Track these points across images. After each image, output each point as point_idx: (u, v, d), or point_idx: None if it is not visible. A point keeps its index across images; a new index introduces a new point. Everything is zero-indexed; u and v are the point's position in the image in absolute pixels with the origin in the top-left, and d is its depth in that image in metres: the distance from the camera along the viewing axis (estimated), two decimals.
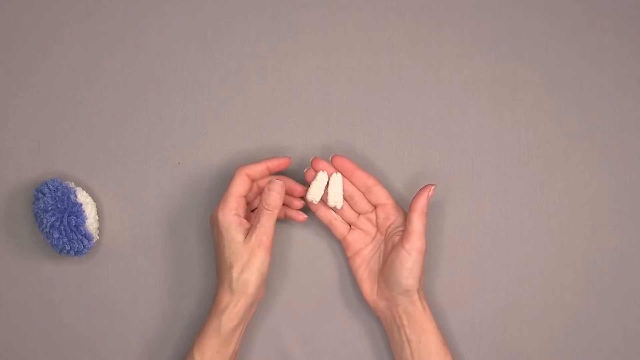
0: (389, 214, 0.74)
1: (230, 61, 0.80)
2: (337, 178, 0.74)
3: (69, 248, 0.74)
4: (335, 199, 0.74)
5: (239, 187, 0.72)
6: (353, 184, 0.74)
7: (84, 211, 0.75)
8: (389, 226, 0.74)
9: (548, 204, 0.78)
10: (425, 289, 0.77)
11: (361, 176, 0.73)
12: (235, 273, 0.71)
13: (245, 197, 0.73)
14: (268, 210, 0.71)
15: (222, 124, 0.79)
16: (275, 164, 0.74)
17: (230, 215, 0.71)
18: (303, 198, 0.75)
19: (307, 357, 0.78)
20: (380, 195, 0.74)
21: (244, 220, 0.72)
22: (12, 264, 0.79)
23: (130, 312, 0.78)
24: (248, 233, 0.71)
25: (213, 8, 0.80)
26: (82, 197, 0.76)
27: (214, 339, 0.71)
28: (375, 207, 0.75)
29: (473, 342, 0.78)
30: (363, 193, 0.74)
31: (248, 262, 0.71)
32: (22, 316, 0.79)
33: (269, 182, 0.72)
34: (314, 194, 0.73)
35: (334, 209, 0.75)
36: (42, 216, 0.74)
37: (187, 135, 0.79)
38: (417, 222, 0.71)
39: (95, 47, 0.80)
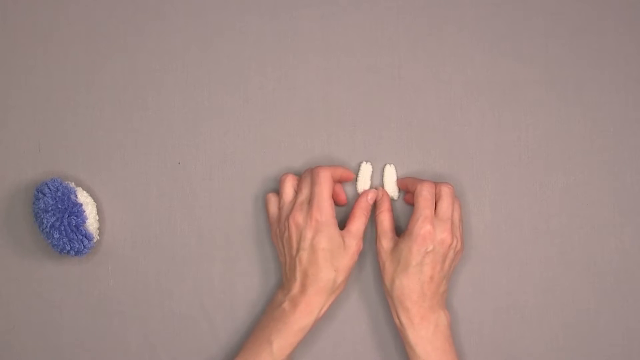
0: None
1: (230, 61, 0.80)
2: (390, 170, 0.77)
3: (69, 248, 0.74)
4: (391, 190, 0.77)
5: (329, 190, 0.73)
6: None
7: (84, 211, 0.75)
8: None
9: (548, 204, 0.78)
10: None
11: (410, 183, 0.76)
12: (337, 276, 0.72)
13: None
14: (365, 217, 0.74)
15: (222, 124, 0.79)
16: (347, 175, 0.76)
17: (332, 218, 0.72)
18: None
19: (307, 357, 0.78)
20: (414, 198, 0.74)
21: (337, 224, 0.73)
22: (12, 264, 0.79)
23: (130, 312, 0.78)
24: (342, 238, 0.72)
25: (213, 8, 0.80)
26: (83, 197, 0.76)
27: (298, 337, 0.72)
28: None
29: (473, 342, 0.78)
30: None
31: (348, 266, 0.72)
32: (22, 316, 0.79)
33: (369, 191, 0.76)
34: (362, 185, 0.77)
35: (392, 200, 0.78)
36: (42, 216, 0.74)
37: (187, 135, 0.79)
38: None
39: (95, 47, 0.80)
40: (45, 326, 0.79)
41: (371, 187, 0.78)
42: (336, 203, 0.76)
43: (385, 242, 0.74)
